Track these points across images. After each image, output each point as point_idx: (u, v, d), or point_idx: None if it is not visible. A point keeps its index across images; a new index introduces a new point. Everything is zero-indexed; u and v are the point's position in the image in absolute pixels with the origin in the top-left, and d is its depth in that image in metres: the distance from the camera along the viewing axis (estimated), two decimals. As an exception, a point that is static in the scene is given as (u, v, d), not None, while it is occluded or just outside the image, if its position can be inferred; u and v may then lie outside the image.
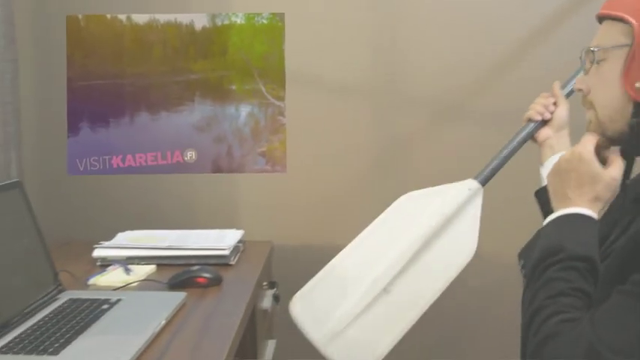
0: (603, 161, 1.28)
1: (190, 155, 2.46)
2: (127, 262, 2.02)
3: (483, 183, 1.55)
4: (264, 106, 2.44)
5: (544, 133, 1.56)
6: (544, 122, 1.57)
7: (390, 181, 2.51)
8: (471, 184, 1.55)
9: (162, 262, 2.05)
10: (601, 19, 1.30)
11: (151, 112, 2.46)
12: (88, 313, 1.55)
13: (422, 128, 2.54)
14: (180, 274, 1.86)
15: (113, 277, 1.91)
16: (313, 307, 1.52)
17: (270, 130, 2.45)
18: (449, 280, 1.48)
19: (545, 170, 1.42)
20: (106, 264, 2.03)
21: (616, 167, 1.26)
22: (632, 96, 1.20)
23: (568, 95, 1.57)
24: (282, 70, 2.42)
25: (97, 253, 2.09)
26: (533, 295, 1.17)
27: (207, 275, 1.86)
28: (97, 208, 2.60)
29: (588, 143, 1.27)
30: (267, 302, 2.17)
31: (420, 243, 1.49)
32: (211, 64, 2.44)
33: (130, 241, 2.17)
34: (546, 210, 1.36)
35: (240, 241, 2.23)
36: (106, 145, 2.46)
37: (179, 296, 1.69)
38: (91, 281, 1.87)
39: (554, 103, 1.56)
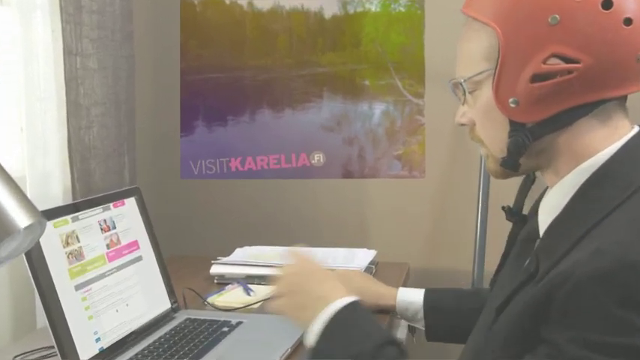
0: None
1: (318, 158, 2.50)
2: (246, 281, 2.00)
3: None
4: (400, 104, 2.44)
5: None
6: None
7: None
8: None
9: (285, 283, 2.01)
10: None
11: (274, 110, 2.50)
12: (207, 336, 1.58)
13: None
14: (308, 297, 1.82)
15: (232, 296, 1.91)
16: None
17: (407, 130, 2.45)
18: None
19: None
20: (223, 282, 2.03)
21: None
22: (503, 113, 1.10)
23: None
24: (422, 64, 2.41)
25: (215, 269, 2.08)
26: None
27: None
28: (213, 216, 2.60)
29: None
30: (401, 333, 2.06)
31: None
32: (342, 57, 2.46)
33: (249, 257, 2.14)
34: None
35: (372, 263, 2.13)
36: (223, 145, 2.53)
37: (306, 322, 1.69)
38: (209, 300, 1.88)
39: None
